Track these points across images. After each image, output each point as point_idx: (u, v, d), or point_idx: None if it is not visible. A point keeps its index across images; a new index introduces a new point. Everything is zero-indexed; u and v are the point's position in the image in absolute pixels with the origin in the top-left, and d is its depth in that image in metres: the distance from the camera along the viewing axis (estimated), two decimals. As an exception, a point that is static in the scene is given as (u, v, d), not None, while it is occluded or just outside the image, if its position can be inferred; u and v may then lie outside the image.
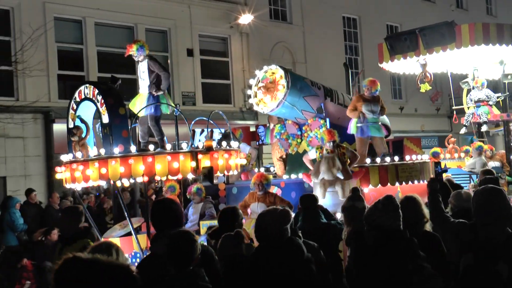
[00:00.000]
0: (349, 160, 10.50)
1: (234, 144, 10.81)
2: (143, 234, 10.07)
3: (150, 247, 5.37)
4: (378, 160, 10.99)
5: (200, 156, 9.54)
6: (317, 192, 10.12)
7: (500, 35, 14.37)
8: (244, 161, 11.31)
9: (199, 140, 13.39)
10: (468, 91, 17.67)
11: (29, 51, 17.86)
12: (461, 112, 18.62)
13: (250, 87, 12.34)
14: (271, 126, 13.00)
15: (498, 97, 17.09)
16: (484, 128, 17.32)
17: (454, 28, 14.21)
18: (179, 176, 9.74)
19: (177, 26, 23.58)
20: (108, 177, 9.38)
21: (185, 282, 4.42)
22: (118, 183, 9.67)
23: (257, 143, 15.38)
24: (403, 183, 10.99)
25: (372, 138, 11.53)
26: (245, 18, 24.46)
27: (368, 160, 10.94)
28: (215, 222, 9.56)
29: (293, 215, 5.93)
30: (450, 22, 14.37)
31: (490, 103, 16.96)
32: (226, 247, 5.56)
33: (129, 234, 10.07)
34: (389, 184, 10.79)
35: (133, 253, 9.74)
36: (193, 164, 9.46)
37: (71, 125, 10.18)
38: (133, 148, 9.44)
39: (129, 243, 10.04)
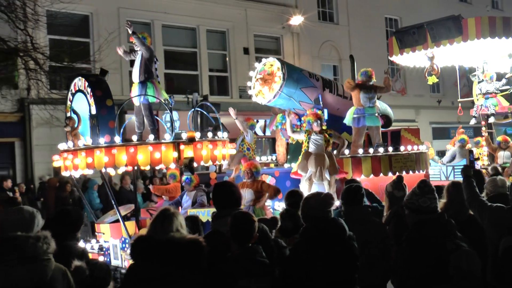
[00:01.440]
0: (331, 145, 10.07)
1: (224, 135, 10.31)
2: (131, 221, 9.82)
3: (212, 225, 5.23)
4: (371, 150, 10.52)
5: (182, 146, 9.12)
6: (303, 184, 9.77)
7: (506, 28, 13.73)
8: (233, 151, 10.82)
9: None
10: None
11: (105, 51, 18.20)
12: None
13: (250, 79, 11.95)
14: (274, 116, 12.61)
15: (507, 90, 16.51)
16: (491, 119, 16.69)
17: (460, 22, 13.62)
18: (162, 166, 9.44)
19: (235, 27, 23.89)
20: (94, 166, 9.13)
21: (245, 257, 4.47)
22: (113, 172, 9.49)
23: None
24: (397, 173, 10.26)
25: (368, 128, 11.01)
26: (296, 20, 24.85)
27: (360, 151, 10.47)
28: (201, 210, 9.56)
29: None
30: (456, 16, 13.80)
31: (497, 87, 16.32)
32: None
33: (118, 221, 9.84)
34: (382, 174, 10.29)
35: (122, 239, 9.46)
36: (175, 154, 9.05)
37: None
38: (117, 139, 9.11)
39: (119, 229, 9.80)
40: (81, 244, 6.69)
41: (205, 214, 9.43)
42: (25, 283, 3.89)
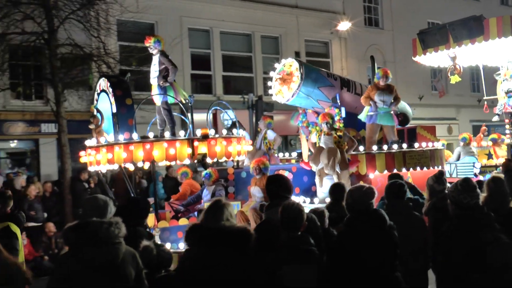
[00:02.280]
0: (347, 145, 9.79)
1: (241, 132, 10.04)
2: (151, 214, 9.49)
3: (265, 213, 5.26)
4: (385, 147, 10.11)
5: (196, 143, 8.84)
6: (316, 179, 9.56)
7: None
8: (250, 148, 10.56)
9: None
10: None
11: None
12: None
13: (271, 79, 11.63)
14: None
15: None
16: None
17: (482, 21, 12.79)
18: (178, 162, 9.06)
19: (287, 33, 23.88)
20: (114, 161, 8.89)
21: (293, 245, 4.49)
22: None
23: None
24: (411, 169, 10.02)
25: (383, 126, 10.61)
26: (344, 25, 24.70)
27: (375, 147, 10.06)
28: None
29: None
30: (478, 16, 12.97)
31: None
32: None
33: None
34: (395, 170, 9.73)
35: None
36: (189, 150, 8.77)
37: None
38: (135, 136, 8.87)
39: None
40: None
41: None
42: (99, 263, 3.95)
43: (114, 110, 9.22)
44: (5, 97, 17.75)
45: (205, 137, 8.88)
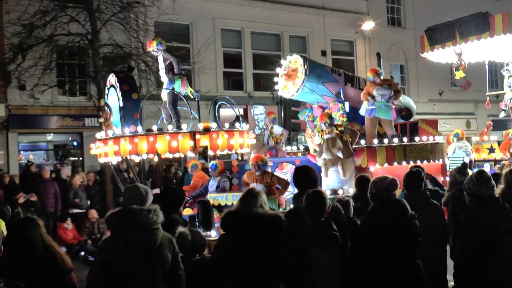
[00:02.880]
0: (350, 137, 9.42)
1: (244, 126, 9.73)
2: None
3: (293, 202, 5.30)
4: (385, 141, 9.73)
5: (198, 136, 8.58)
6: (322, 171, 9.23)
7: None
8: (253, 141, 10.19)
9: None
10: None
11: (203, 54, 18.50)
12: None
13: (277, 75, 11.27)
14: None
15: None
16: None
17: (488, 18, 12.32)
18: (181, 154, 8.84)
19: (314, 32, 23.81)
20: (120, 153, 8.74)
21: (318, 230, 4.52)
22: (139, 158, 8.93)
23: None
24: (411, 162, 9.55)
25: (381, 120, 10.20)
26: (368, 25, 24.53)
27: (375, 141, 9.69)
28: (220, 195, 9.07)
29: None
30: (484, 13, 12.50)
31: None
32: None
33: None
34: (396, 163, 9.47)
35: None
36: (191, 143, 8.52)
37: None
38: (139, 129, 8.67)
39: None
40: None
41: (223, 198, 9.01)
42: (138, 247, 3.99)
43: (121, 104, 9.08)
44: (52, 93, 18.01)
45: (206, 130, 8.64)
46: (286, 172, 10.09)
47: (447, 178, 8.80)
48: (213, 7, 21.23)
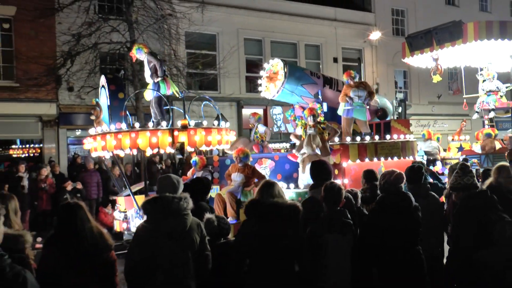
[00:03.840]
0: (328, 135, 9.13)
1: (224, 125, 9.47)
2: (142, 196, 9.10)
3: (310, 192, 5.26)
4: (358, 138, 9.34)
5: (176, 133, 8.29)
6: (300, 167, 8.92)
7: (503, 30, 11.90)
8: (233, 138, 9.93)
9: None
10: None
11: (228, 61, 18.48)
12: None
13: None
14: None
15: (507, 87, 14.62)
16: (491, 114, 14.73)
17: (461, 26, 12.09)
18: (161, 150, 8.49)
19: (327, 41, 23.72)
20: (106, 148, 8.51)
21: (333, 217, 4.52)
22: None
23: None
24: (382, 158, 9.24)
25: (356, 120, 9.82)
26: (375, 35, 24.40)
27: (348, 139, 9.28)
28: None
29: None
30: (458, 22, 12.24)
31: (500, 93, 14.44)
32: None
33: (131, 194, 9.28)
34: (367, 159, 9.12)
35: (135, 210, 9.04)
36: (170, 139, 8.24)
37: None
38: (123, 126, 8.41)
39: (131, 202, 9.33)
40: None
41: None
42: (171, 231, 4.01)
43: (108, 103, 8.90)
44: (96, 94, 18.21)
45: (184, 127, 8.37)
46: (265, 167, 9.79)
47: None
48: (237, 19, 21.28)
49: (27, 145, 18.30)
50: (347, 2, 25.55)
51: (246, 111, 17.38)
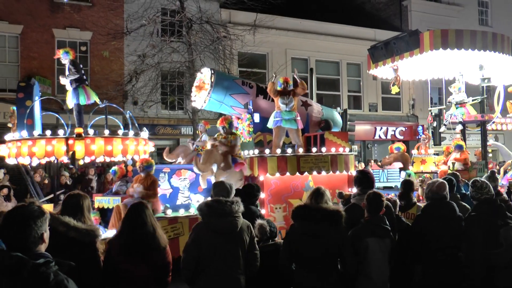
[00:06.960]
0: (235, 147, 8.01)
1: (143, 134, 8.61)
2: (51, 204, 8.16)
3: (353, 199, 5.10)
4: (278, 151, 7.96)
5: (71, 141, 7.48)
6: (199, 179, 7.97)
7: (459, 40, 10.57)
8: (152, 148, 9.13)
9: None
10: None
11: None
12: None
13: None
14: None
15: (473, 100, 13.14)
16: (459, 127, 13.38)
17: (418, 36, 10.86)
18: (53, 159, 7.66)
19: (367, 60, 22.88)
20: (10, 156, 7.79)
21: (373, 223, 4.48)
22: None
23: (417, 137, 12.82)
24: (306, 172, 7.91)
25: (288, 130, 8.29)
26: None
27: (278, 150, 7.96)
28: (105, 198, 8.17)
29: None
30: (414, 31, 11.09)
31: (468, 102, 13.06)
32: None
33: (47, 201, 8.64)
34: (288, 173, 7.84)
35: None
36: (64, 148, 7.45)
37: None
38: (24, 133, 7.66)
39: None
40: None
41: (107, 202, 8.15)
42: (224, 231, 4.08)
43: (17, 110, 8.22)
44: (157, 108, 18.73)
45: (79, 136, 7.56)
46: (184, 179, 8.60)
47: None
48: (285, 40, 21.42)
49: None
50: (386, 23, 25.22)
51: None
